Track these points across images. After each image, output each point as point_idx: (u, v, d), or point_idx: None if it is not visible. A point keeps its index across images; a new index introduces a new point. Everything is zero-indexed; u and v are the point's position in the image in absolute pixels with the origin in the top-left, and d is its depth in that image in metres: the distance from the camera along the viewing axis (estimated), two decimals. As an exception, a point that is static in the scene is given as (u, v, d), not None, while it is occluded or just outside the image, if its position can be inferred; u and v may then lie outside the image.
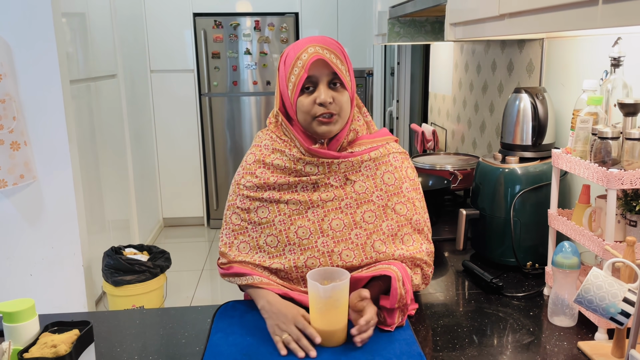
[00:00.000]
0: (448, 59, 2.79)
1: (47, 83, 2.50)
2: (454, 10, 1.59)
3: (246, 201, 1.27)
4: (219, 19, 4.59)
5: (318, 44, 1.20)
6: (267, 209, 1.25)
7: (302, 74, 1.19)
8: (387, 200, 1.26)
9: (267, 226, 1.25)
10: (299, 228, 1.23)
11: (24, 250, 2.63)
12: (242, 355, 1.10)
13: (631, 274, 1.04)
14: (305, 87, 1.21)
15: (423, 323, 1.25)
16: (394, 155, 1.31)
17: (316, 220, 1.24)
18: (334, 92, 1.21)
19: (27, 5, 2.43)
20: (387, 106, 4.39)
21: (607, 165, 1.13)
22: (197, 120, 4.74)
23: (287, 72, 1.22)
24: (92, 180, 3.11)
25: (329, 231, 1.23)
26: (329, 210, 1.24)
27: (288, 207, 1.24)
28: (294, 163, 1.25)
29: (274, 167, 1.26)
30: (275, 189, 1.25)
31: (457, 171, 2.10)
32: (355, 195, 1.25)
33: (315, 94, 1.20)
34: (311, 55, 1.18)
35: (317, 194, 1.25)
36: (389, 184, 1.27)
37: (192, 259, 4.16)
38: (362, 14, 4.69)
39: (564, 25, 1.02)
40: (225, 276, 1.29)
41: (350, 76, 1.24)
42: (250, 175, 1.28)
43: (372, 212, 1.25)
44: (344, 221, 1.24)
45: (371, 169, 1.27)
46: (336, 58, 1.20)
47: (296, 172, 1.25)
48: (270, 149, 1.28)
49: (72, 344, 0.98)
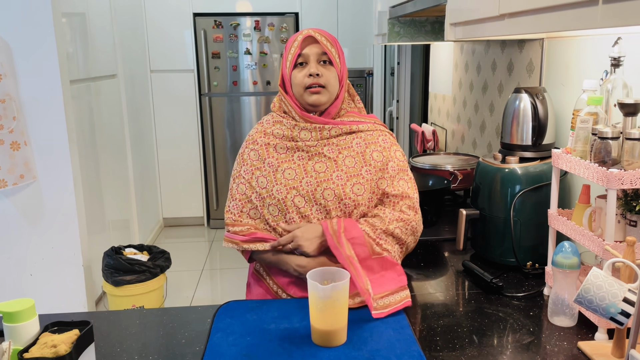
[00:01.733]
0: (448, 59, 2.79)
1: (47, 83, 2.50)
2: (454, 10, 1.59)
3: (249, 171, 1.43)
4: (219, 19, 4.59)
5: (312, 29, 1.41)
6: (266, 179, 1.40)
7: (295, 51, 1.39)
8: (373, 175, 1.40)
9: (267, 196, 1.40)
10: (295, 197, 1.38)
11: (24, 250, 2.63)
12: (242, 355, 1.10)
13: (631, 274, 1.04)
14: (299, 62, 1.40)
15: (423, 323, 1.25)
16: (384, 138, 1.45)
17: (310, 190, 1.38)
18: (322, 67, 1.40)
19: (27, 5, 2.43)
20: (387, 106, 4.39)
21: (607, 165, 1.13)
22: (197, 120, 4.74)
23: (286, 54, 1.43)
24: (92, 180, 3.11)
25: (322, 200, 1.37)
26: (321, 180, 1.38)
27: (284, 177, 1.39)
28: (291, 130, 1.41)
29: (274, 135, 1.44)
30: (274, 157, 1.41)
31: (457, 171, 2.10)
32: (346, 169, 1.39)
33: (307, 68, 1.39)
34: (305, 35, 1.39)
35: (311, 164, 1.39)
36: (377, 160, 1.41)
37: (192, 259, 4.16)
38: (362, 14, 4.69)
39: (564, 25, 1.02)
40: (248, 242, 1.40)
41: (341, 61, 1.43)
42: (253, 143, 1.45)
43: (361, 185, 1.38)
44: (335, 192, 1.37)
45: (361, 146, 1.42)
46: (327, 40, 1.40)
47: (292, 139, 1.41)
48: (271, 123, 1.47)
49: (72, 344, 0.98)
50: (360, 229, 1.33)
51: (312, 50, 1.39)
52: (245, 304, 1.33)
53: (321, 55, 1.39)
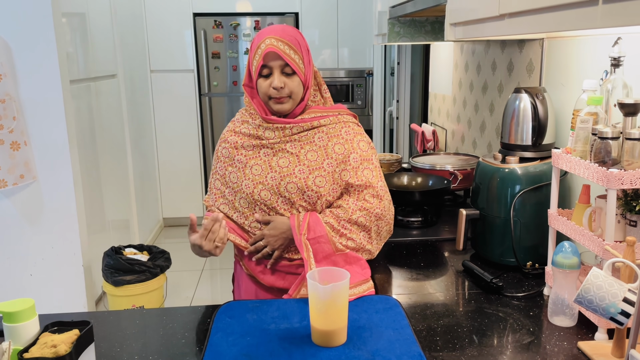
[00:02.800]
0: (448, 59, 2.79)
1: (47, 83, 2.50)
2: (454, 10, 1.59)
3: (223, 167, 1.52)
4: (219, 19, 4.59)
5: (274, 36, 1.41)
6: (236, 174, 1.48)
7: (259, 61, 1.41)
8: (335, 167, 1.44)
9: (238, 190, 1.48)
10: (261, 191, 1.45)
11: (24, 250, 2.63)
12: (242, 355, 1.10)
13: (631, 274, 1.04)
14: (263, 73, 1.42)
15: (423, 323, 1.25)
16: (347, 130, 1.48)
17: (274, 184, 1.44)
18: (286, 78, 1.42)
19: (27, 5, 2.43)
20: (387, 106, 4.39)
21: (607, 165, 1.13)
22: (197, 120, 4.74)
23: (251, 57, 1.45)
24: (92, 180, 3.11)
25: (285, 193, 1.44)
26: (284, 175, 1.44)
27: (252, 173, 1.46)
28: (256, 129, 1.48)
29: (242, 134, 1.50)
30: (243, 155, 1.48)
31: (457, 171, 2.10)
32: (308, 163, 1.44)
33: (271, 79, 1.42)
34: (267, 46, 1.40)
35: (276, 160, 1.45)
36: (339, 153, 1.45)
37: (192, 259, 4.15)
38: (362, 14, 4.69)
39: (564, 25, 1.02)
40: None
41: (305, 63, 1.44)
42: (225, 142, 1.53)
43: (323, 178, 1.44)
44: (297, 185, 1.43)
45: (323, 140, 1.46)
46: (289, 49, 1.41)
47: (258, 137, 1.47)
48: (240, 122, 1.53)
49: (72, 344, 0.98)
50: (324, 227, 1.41)
51: (275, 63, 1.41)
52: (245, 304, 1.33)
53: (284, 67, 1.41)
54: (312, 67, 1.48)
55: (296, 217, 1.43)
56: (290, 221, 1.43)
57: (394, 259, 1.67)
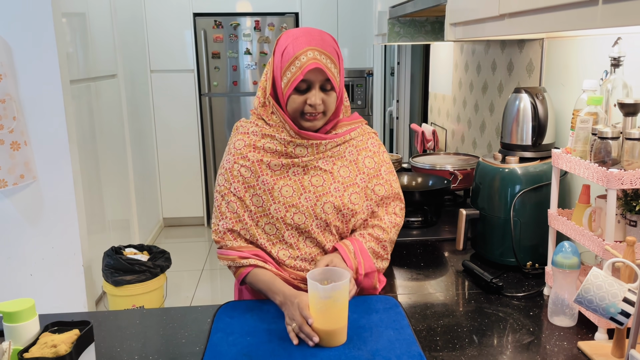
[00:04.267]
0: (448, 59, 2.79)
1: (47, 83, 2.50)
2: (454, 10, 1.59)
3: (241, 188, 1.32)
4: (219, 19, 4.59)
5: (317, 48, 1.25)
6: (262, 197, 1.31)
7: (298, 75, 1.24)
8: (367, 182, 1.36)
9: (263, 215, 1.31)
10: (294, 214, 1.30)
11: (24, 250, 2.63)
12: (242, 355, 1.10)
13: (631, 274, 1.04)
14: (301, 87, 1.27)
15: (423, 323, 1.25)
16: (372, 141, 1.41)
17: (310, 205, 1.31)
18: (324, 94, 1.29)
19: (27, 5, 2.43)
20: (387, 106, 4.39)
21: (607, 165, 1.13)
22: (197, 120, 4.74)
23: (283, 65, 1.27)
24: (92, 180, 3.11)
25: (322, 214, 1.31)
26: (320, 195, 1.32)
27: (282, 195, 1.30)
28: (285, 146, 1.31)
29: (265, 150, 1.32)
30: (269, 175, 1.31)
31: (457, 171, 2.10)
32: (342, 179, 1.34)
33: (307, 95, 1.27)
34: (310, 60, 1.24)
35: (308, 179, 1.32)
36: (370, 167, 1.37)
37: (192, 259, 4.16)
38: (362, 14, 4.69)
39: (564, 25, 1.02)
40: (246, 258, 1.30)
41: (341, 75, 1.32)
42: (243, 159, 1.32)
43: (357, 194, 1.34)
44: (334, 204, 1.32)
45: (353, 154, 1.37)
46: (331, 62, 1.27)
47: (287, 155, 1.31)
48: (259, 135, 1.33)
49: (72, 344, 0.98)
50: (372, 263, 1.31)
51: (317, 78, 1.26)
52: (245, 304, 1.32)
53: (325, 82, 1.27)
54: (343, 78, 1.36)
55: (351, 258, 1.29)
56: (347, 263, 1.28)
57: (394, 259, 1.66)
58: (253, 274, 1.30)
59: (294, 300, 1.19)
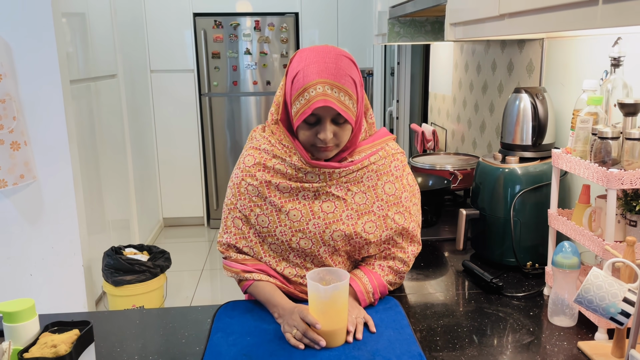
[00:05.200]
0: (448, 59, 2.79)
1: (47, 83, 2.50)
2: (454, 10, 1.59)
3: (247, 206, 1.27)
4: (219, 19, 4.59)
5: (328, 81, 1.15)
6: (268, 218, 1.25)
7: (306, 110, 1.16)
8: (387, 210, 1.27)
9: (268, 235, 1.27)
10: (300, 239, 1.25)
11: (24, 250, 2.63)
12: (242, 355, 1.10)
13: (631, 274, 1.04)
14: (309, 121, 1.19)
15: (423, 323, 1.25)
16: (396, 164, 1.31)
17: (318, 232, 1.25)
18: (336, 127, 1.19)
19: (27, 5, 2.43)
20: (387, 106, 4.39)
21: (607, 165, 1.13)
22: (197, 120, 4.74)
23: (293, 93, 1.19)
24: (92, 180, 3.11)
25: (330, 241, 1.25)
26: (330, 222, 1.24)
27: (289, 219, 1.24)
28: (296, 171, 1.24)
29: (275, 171, 1.25)
30: (277, 197, 1.25)
31: (457, 171, 2.10)
32: (356, 207, 1.26)
33: (317, 129, 1.19)
34: (319, 96, 1.14)
35: (318, 204, 1.25)
36: (390, 194, 1.28)
37: (192, 259, 4.16)
38: (362, 14, 4.69)
39: (564, 25, 1.02)
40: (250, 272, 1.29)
41: (359, 101, 1.22)
42: (251, 177, 1.26)
43: (373, 223, 1.26)
44: (345, 232, 1.25)
45: (372, 180, 1.28)
46: (345, 94, 1.16)
47: (297, 179, 1.24)
48: (270, 154, 1.26)
49: (72, 344, 0.98)
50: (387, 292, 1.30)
51: (327, 113, 1.17)
52: (245, 304, 1.32)
53: (337, 117, 1.18)
54: (364, 99, 1.25)
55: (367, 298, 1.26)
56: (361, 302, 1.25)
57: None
58: (254, 287, 1.28)
59: (293, 309, 1.17)
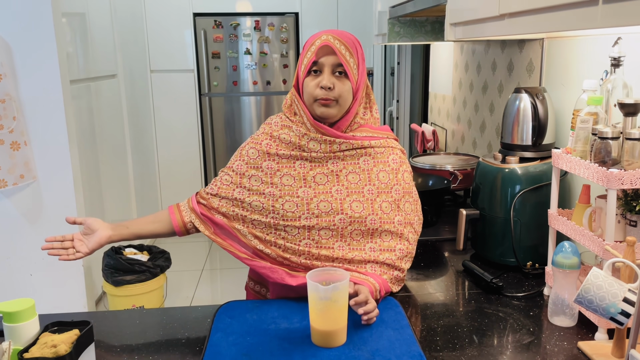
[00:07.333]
0: (448, 59, 2.79)
1: (47, 83, 2.50)
2: (454, 10, 1.59)
3: (243, 166, 1.37)
4: (219, 19, 4.59)
5: (332, 34, 1.31)
6: (261, 179, 1.34)
7: (311, 57, 1.30)
8: (376, 195, 1.32)
9: (254, 193, 1.34)
10: (286, 202, 1.31)
11: (24, 250, 2.63)
12: (242, 355, 1.10)
13: (631, 274, 1.04)
14: (313, 70, 1.31)
15: (423, 323, 1.25)
16: (394, 157, 1.37)
17: (305, 198, 1.31)
18: (336, 79, 1.30)
19: (27, 5, 2.43)
20: (387, 106, 4.39)
21: (607, 165, 1.13)
22: (197, 120, 4.74)
23: (303, 54, 1.34)
24: (92, 180, 3.11)
25: (315, 210, 1.30)
26: (319, 192, 1.32)
27: (281, 182, 1.33)
28: (299, 138, 1.33)
29: (280, 140, 1.36)
30: (275, 161, 1.35)
31: (457, 171, 2.10)
32: (347, 184, 1.32)
33: (319, 78, 1.30)
34: (322, 41, 1.29)
35: (312, 174, 1.33)
36: (383, 182, 1.34)
37: (192, 259, 4.16)
38: (362, 14, 4.69)
39: (564, 25, 1.02)
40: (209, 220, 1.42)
41: (359, 71, 1.33)
42: (256, 144, 1.38)
43: (360, 203, 1.31)
44: (332, 205, 1.30)
45: (369, 164, 1.34)
46: (345, 49, 1.30)
47: (299, 147, 1.34)
48: (279, 125, 1.39)
49: (72, 344, 0.98)
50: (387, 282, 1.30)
51: (328, 60, 1.29)
52: (245, 304, 1.33)
53: (337, 67, 1.29)
54: (365, 80, 1.36)
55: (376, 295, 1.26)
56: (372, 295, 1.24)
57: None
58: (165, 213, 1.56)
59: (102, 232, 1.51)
